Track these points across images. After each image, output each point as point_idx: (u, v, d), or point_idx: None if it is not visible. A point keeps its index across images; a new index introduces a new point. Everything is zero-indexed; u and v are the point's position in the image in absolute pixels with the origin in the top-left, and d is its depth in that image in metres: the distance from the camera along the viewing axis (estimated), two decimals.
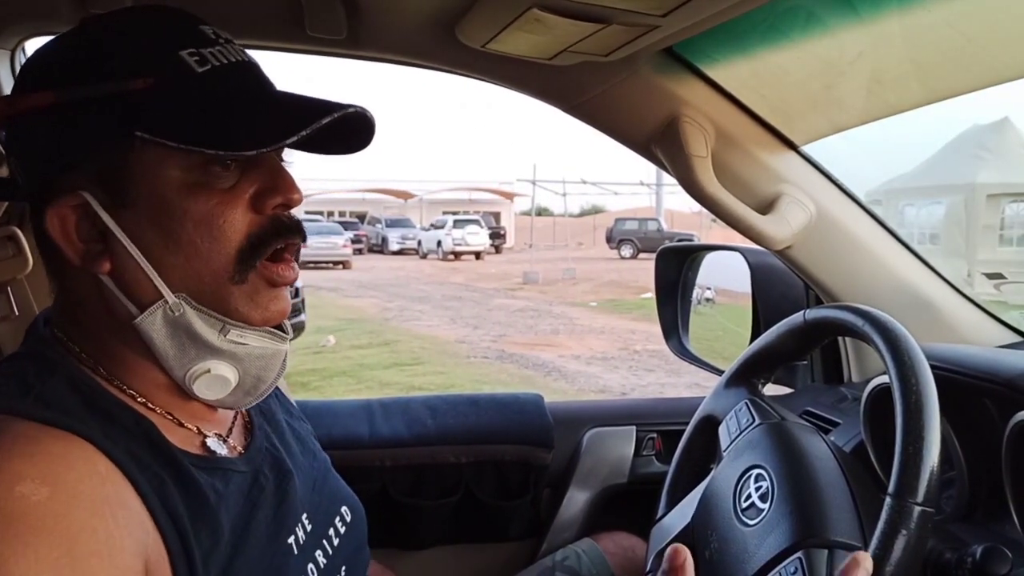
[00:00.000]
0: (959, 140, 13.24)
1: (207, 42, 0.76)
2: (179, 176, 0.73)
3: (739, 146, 1.32)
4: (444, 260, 27.39)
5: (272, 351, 0.81)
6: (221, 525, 0.74)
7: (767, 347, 1.10)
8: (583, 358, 9.48)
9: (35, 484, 0.63)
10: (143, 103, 0.72)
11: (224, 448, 0.82)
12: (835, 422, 1.31)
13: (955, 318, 1.38)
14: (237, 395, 0.82)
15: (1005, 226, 12.39)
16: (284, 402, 1.02)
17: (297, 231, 0.79)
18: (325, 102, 0.75)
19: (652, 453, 1.62)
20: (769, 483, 0.92)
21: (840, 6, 1.10)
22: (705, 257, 1.77)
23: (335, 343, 10.02)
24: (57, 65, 0.77)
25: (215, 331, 0.77)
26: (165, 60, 0.74)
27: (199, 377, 0.78)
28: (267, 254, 0.77)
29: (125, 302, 0.75)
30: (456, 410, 1.58)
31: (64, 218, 0.74)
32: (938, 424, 0.77)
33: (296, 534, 0.83)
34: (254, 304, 0.78)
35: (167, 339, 0.76)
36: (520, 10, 0.93)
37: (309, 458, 0.96)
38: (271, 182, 0.77)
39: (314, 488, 0.92)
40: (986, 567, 0.79)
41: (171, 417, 0.79)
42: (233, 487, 0.79)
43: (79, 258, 0.75)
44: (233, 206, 0.75)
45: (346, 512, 0.95)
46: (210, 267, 0.75)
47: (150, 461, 0.72)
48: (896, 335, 0.84)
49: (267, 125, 0.73)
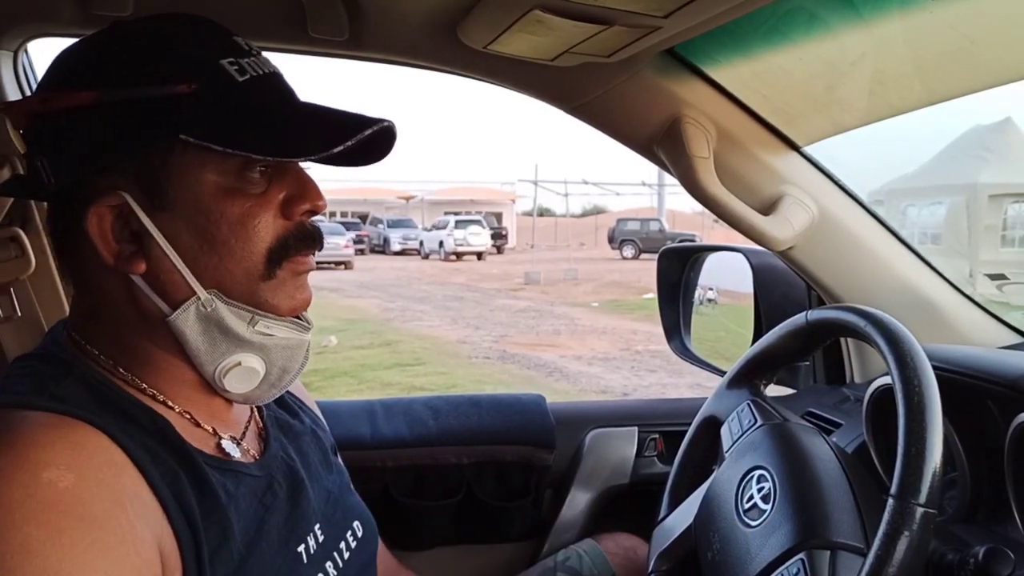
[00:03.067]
0: (961, 141, 13.23)
1: (243, 53, 0.79)
2: (216, 180, 0.76)
3: (741, 147, 1.31)
4: (446, 260, 27.38)
5: (296, 341, 0.84)
6: (231, 525, 0.75)
7: (769, 348, 1.10)
8: (585, 359, 9.48)
9: (61, 471, 0.64)
10: (187, 108, 0.74)
11: (238, 451, 0.84)
12: (837, 423, 1.31)
13: (957, 319, 1.38)
14: (263, 387, 0.84)
15: (1007, 227, 12.38)
16: (309, 413, 1.04)
17: (319, 239, 0.83)
18: (357, 116, 0.78)
19: (654, 454, 1.62)
20: (771, 484, 0.92)
21: (842, 7, 1.10)
22: (707, 258, 1.76)
23: (337, 343, 10.03)
24: (96, 66, 0.77)
25: (244, 323, 0.79)
26: (208, 68, 0.76)
27: (230, 370, 0.81)
28: (291, 258, 0.81)
29: (157, 301, 0.77)
30: (458, 411, 1.58)
31: (103, 217, 0.75)
32: (940, 425, 0.77)
33: (307, 543, 0.84)
34: (283, 294, 0.81)
35: (199, 335, 0.78)
36: (522, 11, 0.94)
37: (327, 470, 0.98)
38: (299, 189, 0.80)
39: (328, 500, 0.93)
40: (988, 568, 0.78)
41: (189, 416, 0.81)
42: (244, 489, 0.80)
43: (114, 258, 0.76)
44: (265, 210, 0.78)
45: (358, 527, 0.96)
46: (243, 266, 0.78)
47: (165, 456, 0.74)
48: (898, 336, 0.84)
49: (307, 135, 0.77)
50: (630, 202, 48.47)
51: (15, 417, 0.68)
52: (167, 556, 0.69)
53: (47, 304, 1.37)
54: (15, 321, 1.34)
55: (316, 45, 1.23)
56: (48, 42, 1.31)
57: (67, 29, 1.21)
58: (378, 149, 0.84)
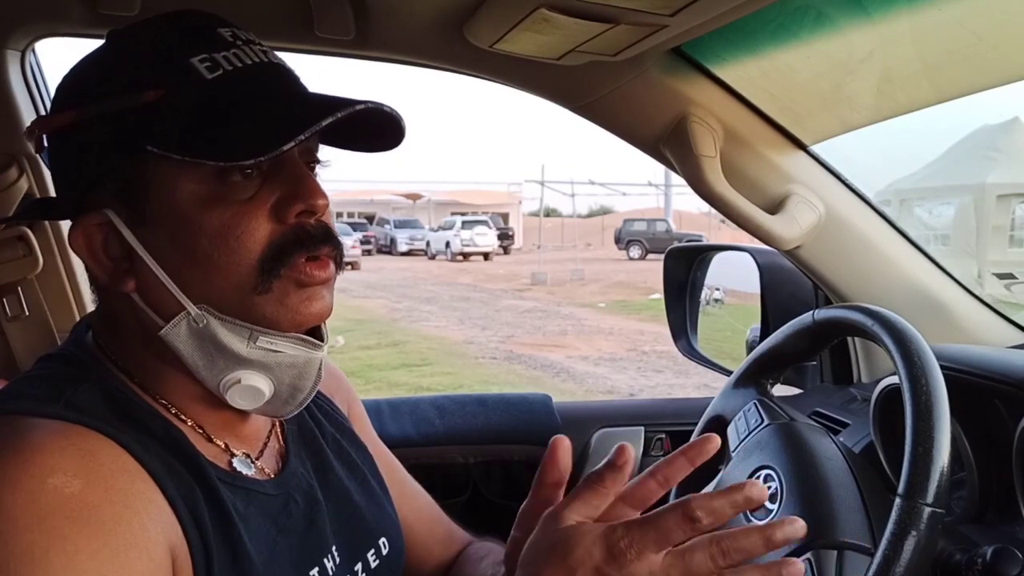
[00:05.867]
0: (969, 140, 13.16)
1: (222, 46, 0.74)
2: (193, 189, 0.71)
3: (748, 146, 1.31)
4: (452, 261, 27.42)
5: (304, 359, 0.77)
6: (242, 543, 0.73)
7: (776, 347, 1.10)
8: (591, 359, 9.48)
9: (67, 477, 0.63)
10: (154, 116, 0.70)
11: (251, 469, 0.80)
12: (844, 423, 1.30)
13: (965, 318, 1.38)
14: (275, 404, 0.79)
15: (1015, 227, 12.31)
16: (337, 419, 0.99)
17: (325, 240, 0.76)
18: (339, 99, 0.71)
19: (661, 454, 1.61)
20: (778, 484, 0.92)
21: (850, 5, 1.10)
22: (714, 257, 1.76)
23: (344, 344, 10.04)
24: (79, 82, 0.76)
25: (243, 340, 0.74)
26: (174, 69, 0.72)
27: (231, 387, 0.75)
28: (291, 264, 0.74)
29: (152, 316, 0.74)
30: (464, 410, 1.58)
31: (90, 236, 0.74)
32: (948, 425, 0.77)
33: (323, 564, 0.81)
34: (284, 308, 0.74)
35: (195, 350, 0.74)
36: (528, 10, 0.93)
37: (355, 482, 0.93)
38: (292, 189, 0.74)
39: (351, 518, 0.89)
40: (996, 568, 0.78)
41: (201, 431, 0.78)
42: (255, 509, 0.77)
43: (107, 276, 0.75)
44: (251, 217, 0.72)
45: (384, 544, 0.92)
46: (231, 280, 0.72)
47: (180, 469, 0.72)
48: (906, 335, 0.84)
49: (272, 128, 0.70)
50: (637, 202, 48.43)
51: (28, 423, 0.67)
52: (179, 562, 0.68)
53: (55, 303, 1.38)
54: (23, 320, 1.35)
55: (322, 44, 1.23)
56: (55, 42, 1.31)
57: (74, 29, 1.22)
58: (386, 135, 0.78)
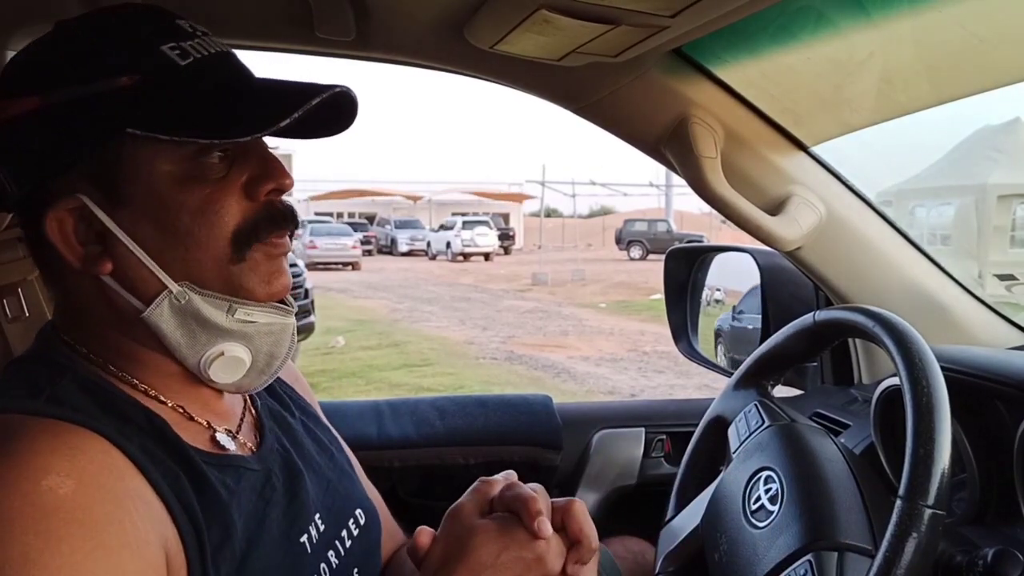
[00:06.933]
0: (970, 141, 13.17)
1: (185, 36, 0.77)
2: (171, 170, 0.74)
3: (748, 147, 1.31)
4: (453, 261, 27.41)
5: (280, 325, 0.82)
6: (233, 522, 0.75)
7: (777, 348, 1.10)
8: (592, 359, 9.47)
9: (60, 477, 0.64)
10: (130, 100, 0.73)
11: (234, 444, 0.83)
12: (845, 424, 1.30)
13: (966, 320, 1.38)
14: (252, 375, 0.83)
15: (1016, 227, 12.31)
16: (300, 402, 1.03)
17: (290, 219, 0.81)
18: (308, 85, 0.76)
19: (661, 455, 1.61)
20: (779, 485, 0.92)
21: (850, 6, 1.10)
22: (714, 258, 1.76)
23: (344, 344, 10.05)
24: (38, 69, 0.77)
25: (223, 312, 0.78)
26: (147, 56, 0.74)
27: (214, 361, 0.79)
28: (263, 239, 0.79)
29: (129, 298, 0.76)
30: (465, 411, 1.58)
31: (62, 221, 0.74)
32: (949, 426, 0.77)
33: (309, 533, 0.84)
34: (257, 278, 0.79)
35: (177, 328, 0.77)
36: (528, 11, 0.93)
37: (325, 458, 0.97)
38: (261, 169, 0.78)
39: (328, 489, 0.93)
40: (997, 570, 0.78)
41: (182, 411, 0.80)
42: (245, 484, 0.79)
43: (79, 261, 0.75)
44: (226, 194, 0.77)
45: (360, 515, 0.96)
46: (210, 253, 0.76)
47: (164, 457, 0.73)
48: (906, 336, 0.84)
49: (256, 111, 0.75)
50: (637, 203, 48.39)
51: (13, 423, 0.68)
52: (172, 556, 0.69)
53: None
54: (24, 321, 1.34)
55: (323, 45, 1.23)
56: None
57: None
58: (340, 119, 0.82)
